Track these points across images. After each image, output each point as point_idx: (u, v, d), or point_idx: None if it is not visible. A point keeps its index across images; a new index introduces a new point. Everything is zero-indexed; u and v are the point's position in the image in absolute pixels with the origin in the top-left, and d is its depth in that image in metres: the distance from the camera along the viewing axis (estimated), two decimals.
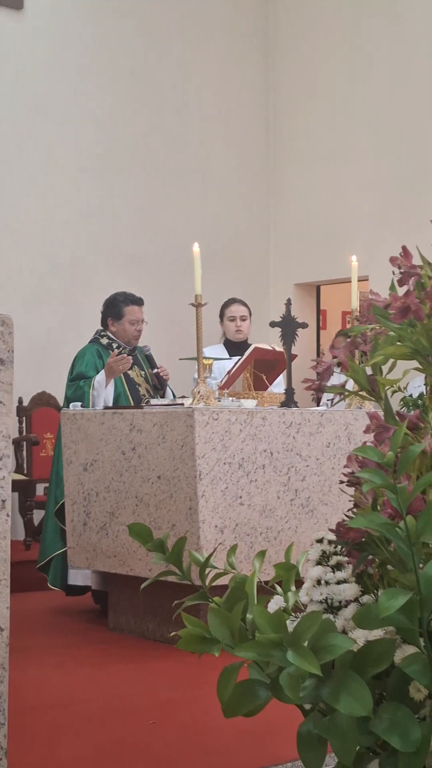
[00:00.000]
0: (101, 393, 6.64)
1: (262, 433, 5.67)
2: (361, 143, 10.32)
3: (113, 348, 6.89)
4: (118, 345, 6.93)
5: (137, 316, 6.95)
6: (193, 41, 10.60)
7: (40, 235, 9.48)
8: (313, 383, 2.44)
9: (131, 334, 6.95)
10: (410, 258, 2.31)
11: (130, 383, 6.86)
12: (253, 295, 9.79)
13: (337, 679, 1.94)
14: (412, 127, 9.87)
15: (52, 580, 6.71)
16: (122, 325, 6.94)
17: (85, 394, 6.57)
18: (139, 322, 6.96)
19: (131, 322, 6.94)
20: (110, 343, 6.93)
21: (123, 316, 6.93)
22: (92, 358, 6.81)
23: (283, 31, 11.12)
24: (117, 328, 6.96)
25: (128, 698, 4.68)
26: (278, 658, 1.92)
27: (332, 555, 2.37)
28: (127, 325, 6.94)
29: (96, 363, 6.77)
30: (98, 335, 7.00)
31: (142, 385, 6.95)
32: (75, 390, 6.65)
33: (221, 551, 5.22)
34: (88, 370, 6.72)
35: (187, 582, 2.49)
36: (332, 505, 5.92)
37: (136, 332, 6.96)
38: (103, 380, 6.65)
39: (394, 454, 1.99)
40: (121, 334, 6.96)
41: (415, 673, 1.98)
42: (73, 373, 6.79)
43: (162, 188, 10.32)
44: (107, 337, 6.96)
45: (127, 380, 6.84)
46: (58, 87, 9.64)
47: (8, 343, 2.30)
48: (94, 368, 6.74)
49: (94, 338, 7.00)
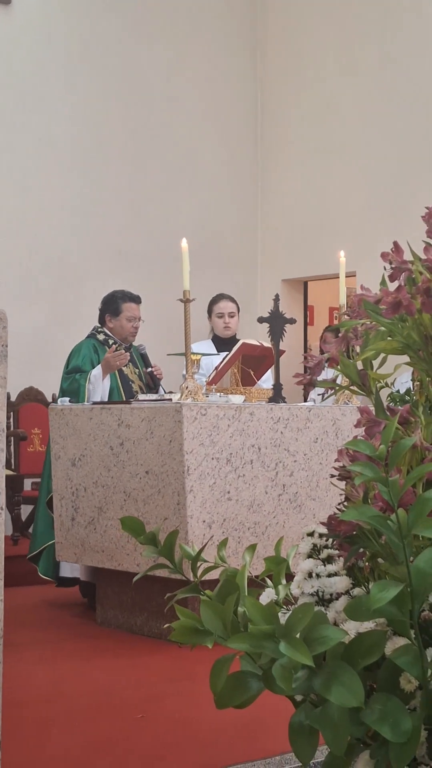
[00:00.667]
0: (97, 387, 6.70)
1: (250, 429, 5.69)
2: (349, 139, 10.34)
3: (109, 344, 6.95)
4: (114, 341, 6.98)
5: (134, 314, 7.02)
6: (182, 36, 10.60)
7: (28, 230, 9.47)
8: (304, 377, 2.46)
9: (128, 330, 7.01)
10: (401, 253, 2.32)
11: (123, 379, 6.90)
12: (241, 291, 9.80)
13: (328, 670, 1.96)
14: (400, 122, 9.89)
15: (44, 570, 6.75)
16: (119, 321, 7.00)
17: (80, 387, 6.62)
18: (136, 320, 7.04)
19: (128, 318, 7.00)
20: (107, 340, 6.99)
21: (120, 312, 7.00)
22: (88, 352, 6.87)
23: (272, 26, 11.13)
24: (114, 325, 7.02)
25: (117, 693, 4.69)
26: (271, 650, 1.93)
27: (323, 548, 2.39)
28: (125, 322, 7.00)
29: (92, 357, 6.84)
30: (95, 331, 7.07)
31: (135, 382, 7.00)
32: (71, 383, 6.72)
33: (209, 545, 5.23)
34: (84, 364, 6.80)
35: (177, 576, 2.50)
36: (320, 500, 5.94)
37: (133, 329, 7.03)
38: (99, 374, 6.71)
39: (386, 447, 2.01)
40: (118, 331, 7.02)
41: (406, 664, 2.00)
42: (69, 367, 6.85)
43: (150, 184, 10.32)
44: (104, 333, 7.03)
45: (120, 376, 6.89)
46: (47, 82, 9.63)
47: (2, 338, 2.31)
48: (90, 362, 6.81)
49: (91, 334, 7.07)
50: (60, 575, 6.75)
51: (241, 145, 11.11)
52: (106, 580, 6.11)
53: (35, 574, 6.86)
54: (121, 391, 6.84)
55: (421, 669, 1.99)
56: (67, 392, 6.67)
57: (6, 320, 2.27)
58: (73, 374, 6.76)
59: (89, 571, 6.57)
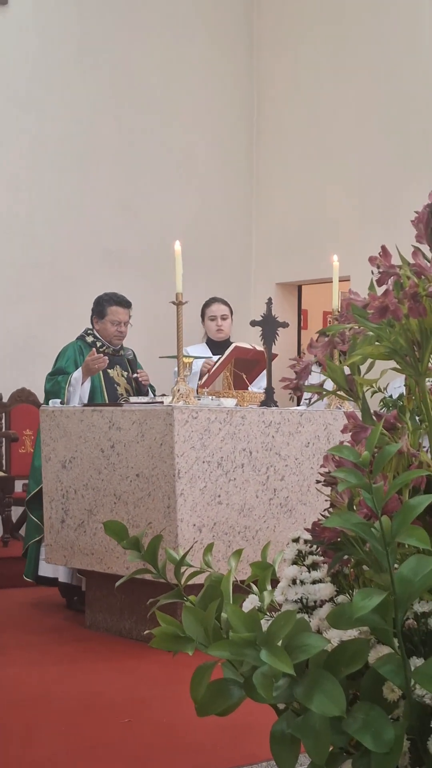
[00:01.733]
0: (77, 389, 6.70)
1: (242, 432, 5.67)
2: (343, 143, 10.33)
3: (97, 346, 6.93)
4: (101, 344, 6.97)
5: (119, 317, 6.99)
6: (177, 39, 10.59)
7: (21, 230, 9.45)
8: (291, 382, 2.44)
9: (112, 333, 7.00)
10: (389, 258, 2.30)
11: (108, 381, 6.89)
12: (235, 295, 9.78)
13: (310, 678, 1.94)
14: (394, 128, 9.88)
15: (26, 571, 6.78)
16: (104, 324, 7.00)
17: (61, 389, 6.63)
18: (121, 324, 7.01)
19: (112, 322, 6.99)
20: (94, 342, 7.00)
21: (105, 315, 6.99)
22: (73, 354, 6.87)
23: (267, 30, 11.12)
24: (100, 327, 7.03)
25: (104, 696, 4.68)
26: (252, 658, 1.91)
27: (308, 554, 2.36)
28: (108, 325, 6.99)
29: (77, 359, 6.84)
30: (85, 333, 7.08)
31: (121, 384, 6.98)
32: (53, 385, 6.73)
33: (198, 549, 5.21)
34: (68, 365, 6.80)
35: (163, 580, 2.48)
36: (311, 504, 5.92)
37: (118, 332, 7.01)
38: (79, 377, 6.71)
39: (370, 453, 1.99)
40: (103, 333, 7.02)
41: (389, 673, 1.98)
42: (54, 368, 6.85)
43: (144, 186, 10.30)
44: (93, 335, 7.03)
45: (105, 377, 6.88)
46: (41, 82, 9.62)
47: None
48: (74, 364, 6.82)
49: (80, 335, 7.08)
50: (39, 574, 6.75)
51: (235, 148, 11.09)
52: (95, 583, 6.09)
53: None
54: (104, 393, 6.84)
55: (404, 678, 1.97)
56: (49, 394, 6.67)
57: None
58: (56, 376, 6.76)
59: (70, 572, 6.57)
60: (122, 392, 6.96)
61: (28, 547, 6.79)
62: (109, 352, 6.96)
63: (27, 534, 6.84)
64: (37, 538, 6.67)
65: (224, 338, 7.84)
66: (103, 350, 6.94)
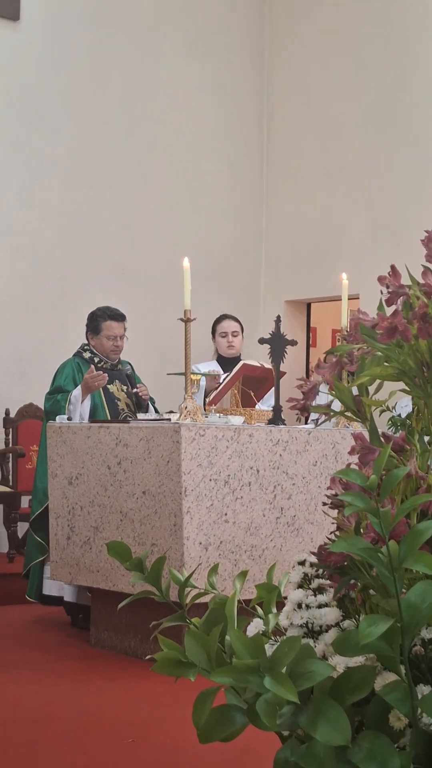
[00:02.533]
0: (77, 408, 6.65)
1: (249, 451, 5.63)
2: (353, 161, 10.32)
3: (94, 362, 6.89)
4: (99, 359, 6.93)
5: (114, 332, 6.93)
6: (188, 56, 10.60)
7: (31, 246, 9.44)
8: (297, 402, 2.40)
9: (108, 348, 6.95)
10: (399, 277, 2.27)
11: (108, 397, 6.85)
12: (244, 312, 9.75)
13: (315, 706, 1.90)
14: (404, 145, 9.87)
15: (29, 591, 6.74)
16: (100, 339, 6.94)
17: (61, 408, 6.58)
18: (117, 338, 6.95)
19: (108, 337, 6.93)
20: (92, 357, 6.94)
21: (100, 331, 6.93)
22: (71, 371, 6.81)
23: (278, 47, 11.13)
24: (95, 343, 6.97)
25: (107, 716, 4.64)
26: (255, 684, 1.87)
27: (314, 578, 2.33)
28: (104, 341, 6.94)
29: (75, 377, 6.78)
30: (81, 349, 7.03)
31: (122, 399, 6.93)
32: (53, 404, 6.68)
33: (204, 568, 5.17)
34: (67, 383, 6.74)
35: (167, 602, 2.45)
36: (318, 524, 5.88)
37: (114, 347, 6.96)
38: (79, 395, 6.65)
39: (377, 477, 1.95)
40: (100, 349, 6.97)
41: (396, 701, 1.94)
42: (53, 386, 6.81)
43: (154, 202, 10.30)
44: (90, 351, 6.98)
45: (105, 394, 6.83)
46: (52, 98, 9.62)
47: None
48: (72, 382, 6.76)
49: (77, 351, 7.03)
50: (44, 593, 6.72)
51: (245, 165, 11.08)
52: (101, 600, 6.05)
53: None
54: (105, 409, 6.79)
55: (410, 706, 1.93)
56: (49, 413, 6.62)
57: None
58: (55, 395, 6.71)
59: (76, 591, 6.53)
60: (123, 407, 6.91)
61: (30, 567, 6.74)
62: (107, 367, 6.92)
63: (29, 554, 6.79)
64: (41, 558, 6.63)
65: (235, 355, 7.83)
66: (101, 365, 6.89)
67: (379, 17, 10.15)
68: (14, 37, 9.41)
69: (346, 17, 10.44)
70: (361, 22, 10.32)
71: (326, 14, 10.64)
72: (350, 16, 10.41)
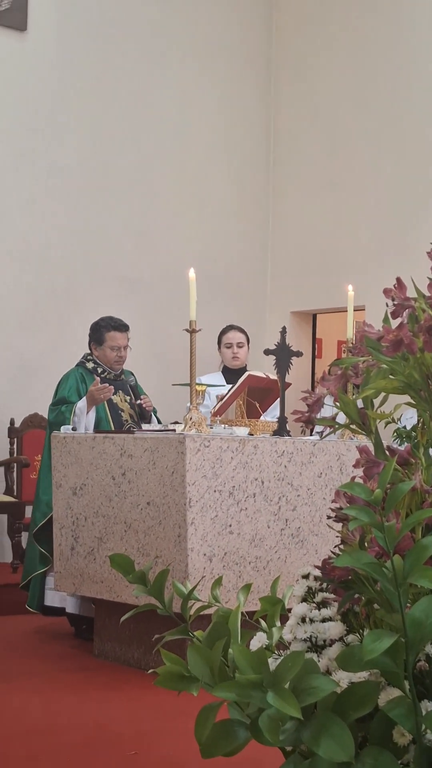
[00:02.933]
0: (82, 420, 6.62)
1: (254, 462, 5.62)
2: (360, 172, 10.31)
3: (98, 372, 6.87)
4: (102, 370, 6.91)
5: (118, 343, 6.91)
6: (195, 66, 10.61)
7: (37, 256, 9.44)
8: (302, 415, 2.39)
9: (112, 359, 6.92)
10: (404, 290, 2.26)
11: (112, 408, 6.83)
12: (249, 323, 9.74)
13: (318, 722, 1.88)
14: (410, 156, 9.86)
15: (30, 602, 6.71)
16: (103, 350, 6.92)
17: (65, 419, 6.54)
18: (121, 349, 6.93)
19: (112, 348, 6.91)
20: (95, 368, 6.91)
21: (104, 342, 6.91)
22: (75, 382, 6.79)
23: (285, 58, 11.13)
24: (99, 353, 6.95)
25: (110, 727, 4.62)
26: (258, 700, 1.86)
27: (318, 591, 2.31)
28: (108, 351, 6.91)
29: (79, 387, 6.76)
30: (84, 359, 7.01)
31: (125, 410, 6.91)
32: (57, 415, 6.64)
33: (209, 580, 5.16)
34: (70, 394, 6.72)
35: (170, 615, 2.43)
36: (323, 535, 5.86)
37: (117, 358, 6.93)
38: (84, 407, 6.63)
39: (382, 491, 1.94)
40: (103, 359, 6.94)
41: (399, 717, 1.92)
42: (56, 397, 6.78)
43: (160, 212, 10.29)
44: (93, 361, 6.96)
45: (109, 405, 6.81)
46: (59, 108, 9.63)
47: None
48: (76, 393, 6.73)
49: (80, 362, 7.00)
50: (45, 604, 6.69)
51: (251, 176, 11.08)
52: (105, 611, 6.03)
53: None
54: (110, 421, 6.77)
55: (414, 722, 1.91)
56: (53, 424, 6.58)
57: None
58: (59, 406, 6.68)
59: (77, 601, 6.50)
60: (127, 418, 6.89)
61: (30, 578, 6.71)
62: (110, 377, 6.90)
63: (29, 565, 6.75)
64: (43, 569, 6.60)
65: (240, 366, 7.83)
66: (104, 376, 6.87)
67: (386, 28, 10.15)
68: (22, 47, 9.43)
69: (353, 28, 10.45)
70: (367, 34, 10.32)
71: (333, 25, 10.65)
72: (357, 28, 10.42)
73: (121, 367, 7.01)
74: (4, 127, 9.31)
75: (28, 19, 9.44)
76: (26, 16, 9.43)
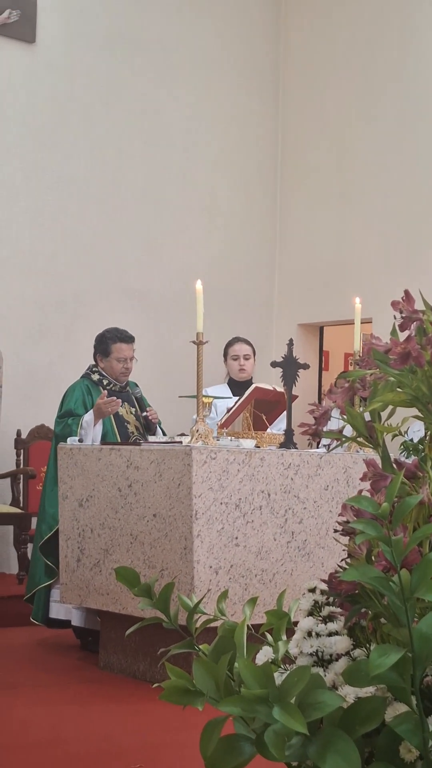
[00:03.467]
0: (89, 432, 6.60)
1: (260, 474, 5.61)
2: (368, 185, 10.31)
3: (103, 384, 6.86)
4: (108, 381, 6.90)
5: (124, 354, 6.91)
6: (203, 79, 10.62)
7: (44, 267, 9.45)
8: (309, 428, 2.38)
9: (118, 371, 6.92)
10: (412, 302, 2.25)
11: (118, 421, 6.82)
12: (256, 335, 9.74)
13: (324, 737, 1.87)
14: (418, 169, 9.86)
15: (34, 614, 6.70)
16: (110, 362, 6.92)
17: (72, 432, 6.52)
18: (127, 360, 6.93)
19: (118, 359, 6.90)
20: (101, 380, 6.91)
21: (110, 353, 6.91)
22: (81, 394, 6.78)
23: (293, 72, 11.14)
24: (105, 365, 6.94)
25: (115, 740, 4.60)
26: (264, 715, 1.85)
27: (324, 605, 2.30)
28: (114, 363, 6.91)
29: (85, 399, 6.75)
30: (90, 371, 7.00)
31: (131, 422, 6.91)
32: (63, 428, 6.63)
33: (215, 593, 5.14)
34: (77, 407, 6.70)
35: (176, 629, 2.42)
36: (329, 548, 5.85)
37: (124, 369, 6.93)
38: (91, 420, 6.62)
39: (389, 505, 1.93)
40: (109, 371, 6.94)
41: (406, 732, 1.91)
42: (62, 410, 6.77)
43: (167, 225, 10.30)
44: (98, 373, 6.95)
45: (115, 418, 6.80)
46: (68, 120, 9.65)
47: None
48: (82, 405, 6.72)
49: (85, 373, 7.00)
50: (50, 616, 6.68)
51: (259, 188, 11.08)
52: (110, 623, 6.02)
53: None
54: (116, 433, 6.76)
55: (421, 738, 1.90)
56: (59, 437, 6.57)
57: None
58: (66, 418, 6.67)
59: (82, 614, 6.49)
60: (132, 430, 6.88)
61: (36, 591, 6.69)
62: (116, 389, 6.90)
63: (35, 577, 6.74)
64: (49, 582, 6.59)
65: (246, 378, 7.82)
66: (110, 387, 6.87)
67: (394, 40, 10.16)
68: (30, 59, 9.45)
69: (361, 40, 10.46)
70: (375, 48, 10.33)
71: (341, 37, 10.66)
72: (365, 42, 10.43)
73: (127, 379, 7.00)
74: (12, 139, 9.32)
75: (36, 31, 9.46)
76: (35, 29, 9.45)
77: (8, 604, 7.55)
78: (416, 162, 9.89)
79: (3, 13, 9.19)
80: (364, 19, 10.46)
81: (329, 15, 10.82)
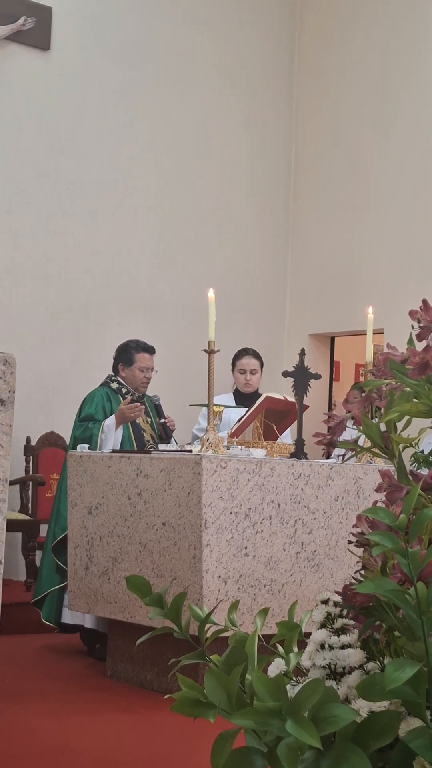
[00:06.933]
0: (109, 437, 6.63)
1: (270, 484, 5.58)
2: (380, 194, 10.29)
3: (122, 393, 6.91)
4: (127, 390, 6.94)
5: (147, 364, 7.00)
6: (218, 88, 10.61)
7: (56, 274, 9.44)
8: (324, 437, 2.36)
9: (140, 380, 6.98)
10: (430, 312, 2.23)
11: (135, 429, 6.85)
12: (267, 344, 9.73)
13: (337, 751, 1.84)
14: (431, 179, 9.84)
15: (47, 616, 6.71)
16: (132, 371, 6.98)
17: (93, 436, 6.56)
18: (149, 370, 7.01)
19: (141, 369, 6.98)
20: (120, 388, 6.96)
21: (134, 362, 6.98)
22: (101, 401, 6.83)
23: (307, 81, 11.14)
24: (127, 374, 7.00)
25: (122, 749, 4.58)
26: (276, 728, 1.82)
27: (337, 617, 2.27)
28: (137, 372, 6.97)
29: (105, 406, 6.79)
30: (109, 379, 7.04)
31: (147, 431, 6.95)
32: (84, 431, 6.66)
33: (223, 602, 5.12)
34: (97, 412, 6.75)
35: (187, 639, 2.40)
36: (338, 559, 5.82)
37: (145, 379, 7.01)
38: (112, 424, 6.65)
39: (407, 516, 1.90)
40: (131, 380, 6.99)
41: (420, 748, 1.88)
42: (82, 414, 6.80)
43: (180, 233, 10.29)
44: (117, 382, 7.01)
45: (133, 426, 6.84)
46: (81, 127, 9.65)
47: (9, 383, 2.17)
48: (103, 411, 6.77)
49: (104, 382, 7.04)
50: (62, 621, 6.68)
51: (272, 198, 11.07)
52: (118, 632, 5.99)
53: (40, 616, 6.80)
54: (132, 441, 6.79)
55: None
56: (79, 440, 6.61)
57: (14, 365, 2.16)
58: (86, 422, 6.72)
59: (96, 618, 6.47)
60: (148, 438, 6.92)
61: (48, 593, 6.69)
62: (135, 398, 6.93)
63: (47, 579, 6.73)
64: (62, 583, 6.58)
65: (251, 392, 7.87)
66: (130, 397, 6.91)
67: (408, 52, 10.15)
68: (45, 66, 9.45)
69: (376, 52, 10.45)
70: (389, 58, 10.32)
71: (356, 49, 10.65)
72: (379, 52, 10.42)
73: (146, 389, 7.07)
74: (25, 145, 9.32)
75: (51, 38, 9.47)
76: (50, 36, 9.45)
77: (16, 611, 7.51)
78: (430, 172, 9.87)
79: (18, 20, 9.20)
80: (379, 29, 10.45)
81: (343, 25, 10.81)
